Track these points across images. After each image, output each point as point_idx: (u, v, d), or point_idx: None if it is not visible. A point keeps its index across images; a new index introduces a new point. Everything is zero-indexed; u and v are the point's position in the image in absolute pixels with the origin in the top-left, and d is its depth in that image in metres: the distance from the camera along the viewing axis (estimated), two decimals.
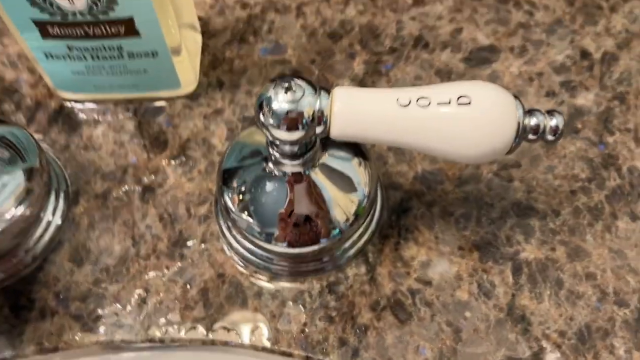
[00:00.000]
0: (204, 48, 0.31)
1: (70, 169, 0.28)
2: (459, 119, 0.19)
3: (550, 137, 0.20)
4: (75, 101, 0.30)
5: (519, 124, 0.20)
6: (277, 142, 0.21)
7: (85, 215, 0.27)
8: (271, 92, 0.20)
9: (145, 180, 0.27)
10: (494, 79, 0.30)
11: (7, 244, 0.25)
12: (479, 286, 0.25)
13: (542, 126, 0.20)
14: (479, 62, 0.31)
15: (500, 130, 0.20)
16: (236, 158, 0.25)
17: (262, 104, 0.20)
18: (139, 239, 0.26)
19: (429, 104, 0.20)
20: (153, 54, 0.27)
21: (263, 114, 0.20)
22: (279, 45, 0.32)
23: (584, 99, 0.29)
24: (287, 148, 0.22)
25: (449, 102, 0.19)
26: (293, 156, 0.22)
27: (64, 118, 0.29)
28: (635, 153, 0.28)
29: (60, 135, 0.29)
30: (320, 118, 0.20)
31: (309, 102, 0.20)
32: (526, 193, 0.27)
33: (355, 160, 0.25)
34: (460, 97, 0.19)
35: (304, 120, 0.20)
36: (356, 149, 0.25)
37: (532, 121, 0.20)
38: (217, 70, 0.31)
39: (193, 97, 0.30)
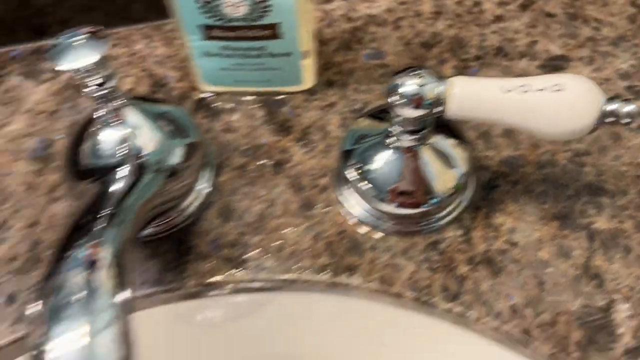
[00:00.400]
0: (317, 53, 0.37)
1: (214, 147, 0.34)
2: (553, 102, 0.25)
3: (626, 120, 0.25)
4: (216, 93, 0.36)
5: (601, 108, 0.25)
6: (401, 120, 0.27)
7: (229, 183, 0.33)
8: (403, 78, 0.26)
9: (275, 157, 0.33)
10: None
11: (169, 204, 0.31)
12: (558, 249, 0.30)
13: (619, 110, 0.25)
14: (552, 69, 0.36)
15: (586, 113, 0.25)
16: (352, 139, 0.31)
17: (394, 87, 0.26)
18: (273, 203, 0.32)
19: (527, 90, 0.25)
20: (288, 55, 0.33)
21: (394, 95, 0.26)
22: (380, 52, 0.38)
23: None
24: (408, 126, 0.27)
25: (545, 90, 0.25)
26: (411, 132, 0.28)
27: (206, 107, 0.36)
28: None
29: (204, 120, 0.35)
30: (439, 100, 0.26)
31: (431, 87, 0.26)
32: (596, 176, 0.32)
33: (457, 144, 0.30)
34: (555, 85, 0.25)
35: (427, 102, 0.26)
36: (458, 135, 0.31)
37: (612, 106, 0.25)
38: (329, 72, 0.37)
39: (311, 92, 0.36)
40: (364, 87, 0.36)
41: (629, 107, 0.25)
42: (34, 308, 0.20)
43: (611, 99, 0.25)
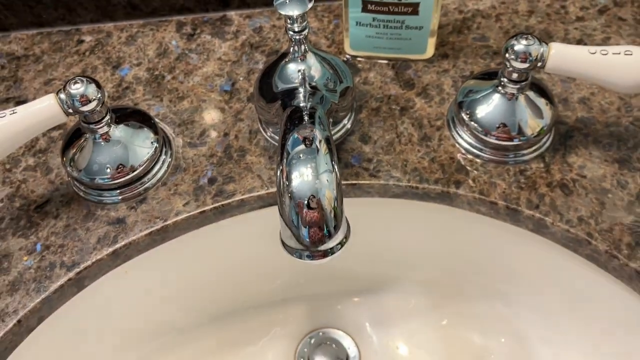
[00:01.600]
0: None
1: (356, 93, 0.45)
2: (624, 62, 0.35)
3: None
4: (356, 57, 0.48)
5: None
6: (512, 70, 0.38)
7: (366, 119, 0.44)
8: (515, 40, 0.37)
9: (401, 104, 0.45)
10: None
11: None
12: (617, 182, 0.39)
13: None
14: None
15: None
16: (463, 94, 0.42)
17: (509, 46, 0.37)
18: (400, 135, 0.43)
19: (607, 53, 0.35)
20: (419, 29, 0.44)
21: (508, 52, 0.37)
22: (484, 37, 0.48)
23: None
24: (515, 76, 0.38)
25: (620, 53, 0.35)
26: (515, 82, 0.38)
27: (349, 65, 0.47)
28: None
29: None
30: (541, 57, 0.36)
31: (535, 48, 0.36)
32: None
33: (545, 101, 0.41)
34: (626, 50, 0.35)
35: (531, 58, 0.36)
36: (547, 95, 0.41)
37: None
38: (444, 47, 0.48)
39: (429, 61, 0.47)
40: (471, 60, 0.47)
41: None
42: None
43: None
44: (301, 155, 0.31)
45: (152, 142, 0.41)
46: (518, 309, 0.48)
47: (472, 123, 0.41)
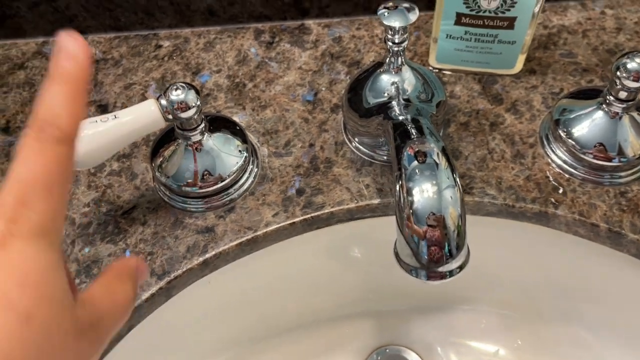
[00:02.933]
0: None
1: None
2: None
3: None
4: (441, 69, 0.47)
5: None
6: (621, 88, 0.37)
7: (455, 134, 0.43)
8: (628, 58, 0.35)
9: (490, 119, 0.43)
10: None
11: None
12: None
13: None
14: None
15: None
16: (558, 112, 0.41)
17: (621, 64, 0.36)
18: (492, 151, 0.42)
19: None
20: (512, 43, 0.43)
21: (620, 70, 0.36)
22: (572, 53, 0.47)
23: None
24: (623, 95, 0.37)
25: None
26: (622, 101, 0.37)
27: None
28: None
29: None
30: None
31: None
32: None
33: None
34: None
35: None
36: None
37: None
38: (531, 63, 0.47)
39: (517, 76, 0.46)
40: (560, 77, 0.46)
41: None
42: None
43: None
44: (421, 170, 0.30)
45: (240, 151, 0.40)
46: (601, 335, 0.46)
47: (570, 140, 0.39)
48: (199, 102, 0.36)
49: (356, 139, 0.43)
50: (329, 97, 0.46)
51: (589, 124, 0.39)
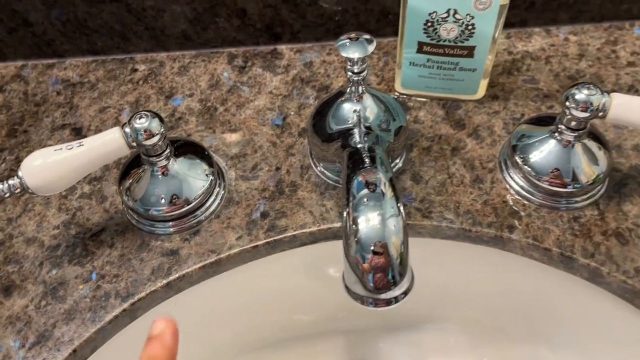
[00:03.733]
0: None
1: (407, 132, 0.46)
2: None
3: None
4: (407, 95, 0.48)
5: None
6: (571, 118, 0.38)
7: (417, 159, 0.44)
8: (576, 89, 0.37)
9: (452, 144, 0.45)
10: None
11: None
12: None
13: None
14: None
15: None
16: (517, 137, 0.42)
17: (570, 95, 0.37)
18: (452, 175, 0.43)
19: None
20: (473, 71, 0.44)
21: (569, 100, 0.37)
22: (534, 79, 0.49)
23: None
24: (573, 124, 0.38)
25: None
26: (573, 130, 0.38)
27: (400, 103, 0.48)
28: None
29: None
30: (603, 107, 0.36)
31: (597, 98, 0.36)
32: None
33: (600, 148, 0.40)
34: None
35: (592, 108, 0.36)
36: (602, 142, 0.41)
37: None
38: (495, 88, 0.48)
39: (480, 102, 0.47)
40: (522, 103, 0.47)
41: None
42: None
43: None
44: (367, 200, 0.31)
45: (207, 175, 0.42)
46: (563, 355, 0.47)
47: (526, 167, 0.41)
48: (162, 130, 0.38)
49: (321, 164, 0.44)
50: (297, 122, 0.47)
51: (544, 151, 0.41)
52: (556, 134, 0.40)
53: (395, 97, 0.48)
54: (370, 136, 0.39)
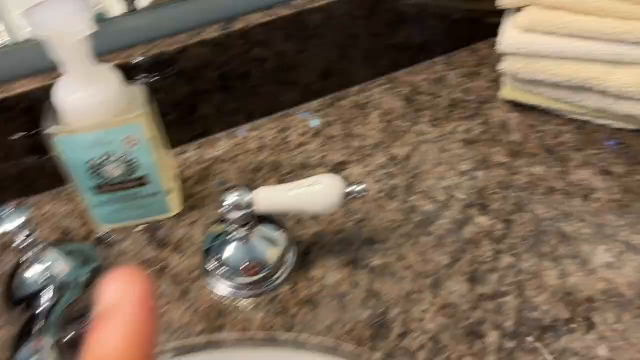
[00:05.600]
0: (181, 188, 0.53)
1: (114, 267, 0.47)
2: (315, 193, 0.42)
3: (362, 194, 0.43)
4: (110, 230, 0.50)
5: (344, 191, 0.42)
6: (232, 219, 0.43)
7: None
8: (226, 194, 0.42)
9: (159, 265, 0.47)
10: None
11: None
12: (350, 283, 0.45)
13: (354, 190, 0.43)
14: (336, 171, 0.54)
15: (334, 195, 0.42)
16: (209, 240, 0.46)
17: (222, 200, 0.42)
18: (161, 295, 0.45)
19: (300, 187, 0.42)
20: (155, 195, 0.48)
21: (223, 206, 0.42)
22: (225, 180, 0.54)
23: None
24: (238, 222, 0.43)
25: (310, 185, 0.42)
26: (242, 226, 0.44)
27: (104, 241, 0.49)
28: None
29: (104, 250, 0.49)
30: (250, 204, 0.42)
31: (242, 197, 0.42)
32: (371, 232, 0.49)
33: (277, 228, 0.46)
34: (314, 182, 0.42)
35: (242, 205, 0.42)
36: (278, 223, 0.47)
37: (349, 189, 0.43)
38: (191, 199, 0.52)
39: (179, 215, 0.51)
40: (217, 205, 0.52)
41: (359, 187, 0.43)
42: None
43: (349, 185, 0.43)
44: None
45: None
46: None
47: (222, 267, 0.45)
48: None
49: None
50: None
51: (230, 249, 0.45)
52: (234, 233, 0.45)
53: (99, 235, 0.50)
54: (60, 292, 0.40)
